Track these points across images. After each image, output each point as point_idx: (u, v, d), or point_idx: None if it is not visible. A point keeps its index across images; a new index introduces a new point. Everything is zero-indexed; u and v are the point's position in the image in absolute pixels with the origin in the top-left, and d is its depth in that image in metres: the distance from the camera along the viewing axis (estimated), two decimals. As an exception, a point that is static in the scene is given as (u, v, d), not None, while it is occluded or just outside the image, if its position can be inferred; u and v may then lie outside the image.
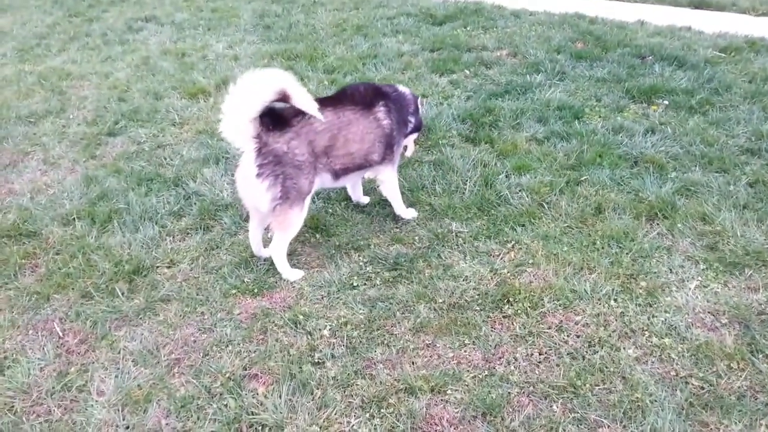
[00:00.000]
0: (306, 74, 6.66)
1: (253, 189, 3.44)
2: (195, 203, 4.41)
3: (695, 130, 5.08)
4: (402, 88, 4.15)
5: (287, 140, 3.45)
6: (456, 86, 6.26)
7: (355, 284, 3.55)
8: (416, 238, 3.96)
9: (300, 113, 3.48)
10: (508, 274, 3.58)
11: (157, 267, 3.77)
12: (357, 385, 2.88)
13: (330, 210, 4.31)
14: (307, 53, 7.32)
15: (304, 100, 3.38)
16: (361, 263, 3.74)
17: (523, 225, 4.01)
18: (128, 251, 3.90)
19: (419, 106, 4.25)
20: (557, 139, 5.06)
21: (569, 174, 4.55)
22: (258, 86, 3.27)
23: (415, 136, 4.44)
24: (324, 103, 3.62)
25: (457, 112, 5.55)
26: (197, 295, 3.52)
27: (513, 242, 3.85)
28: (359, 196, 4.40)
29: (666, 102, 5.65)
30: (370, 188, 4.48)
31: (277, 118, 3.44)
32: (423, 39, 7.65)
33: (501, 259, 3.73)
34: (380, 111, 3.82)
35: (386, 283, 3.55)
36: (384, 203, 4.30)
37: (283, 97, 3.33)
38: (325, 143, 3.61)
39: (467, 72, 6.59)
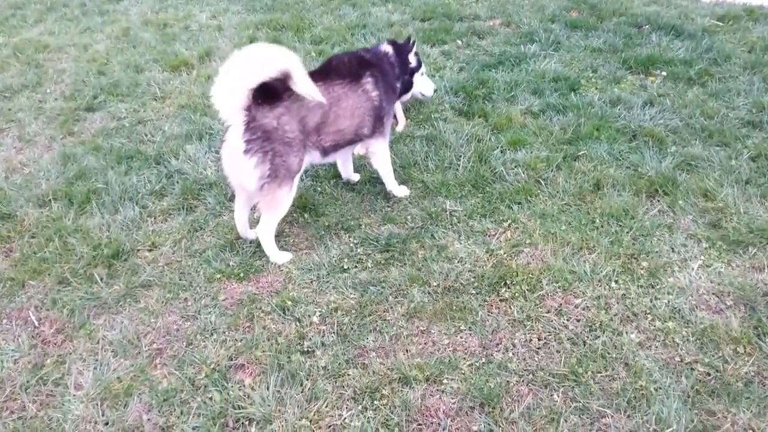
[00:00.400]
0: (293, 45, 6.41)
1: (240, 166, 3.27)
2: (177, 182, 4.22)
3: (694, 102, 4.93)
4: (385, 47, 3.95)
5: (277, 115, 3.28)
6: (448, 57, 6.05)
7: (345, 267, 3.40)
8: (408, 217, 3.80)
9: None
10: (505, 254, 3.44)
11: (138, 250, 3.60)
12: (348, 375, 2.75)
13: (319, 188, 4.14)
14: (293, 23, 7.06)
15: (305, 84, 3.23)
16: (351, 245, 3.58)
17: (520, 203, 3.86)
18: (107, 234, 3.72)
19: (409, 59, 4.05)
20: (553, 112, 4.90)
21: (566, 149, 4.39)
22: (262, 61, 3.12)
23: (408, 95, 4.24)
24: (312, 77, 3.44)
25: (450, 85, 5.36)
26: (180, 280, 3.36)
27: (509, 221, 3.71)
28: (350, 173, 4.23)
29: (664, 73, 5.48)
30: (360, 165, 4.31)
31: (267, 91, 3.24)
32: (413, 8, 7.40)
33: (497, 238, 3.58)
34: (368, 82, 3.66)
35: (378, 266, 3.41)
36: (375, 181, 4.13)
37: (284, 78, 3.16)
38: (317, 120, 3.46)
39: (459, 42, 6.38)
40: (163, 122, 5.07)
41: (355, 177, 4.24)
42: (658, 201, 3.83)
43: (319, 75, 3.55)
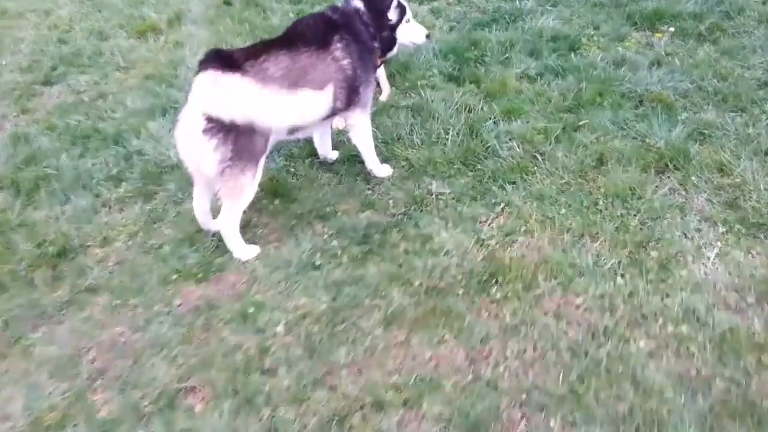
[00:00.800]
0: (269, 6, 5.92)
1: (198, 148, 2.88)
2: (137, 164, 3.81)
3: (706, 62, 4.48)
4: (355, 2, 3.41)
5: None
6: (437, 15, 5.57)
7: (317, 264, 3.02)
8: (390, 201, 3.42)
9: (253, 56, 2.93)
10: (497, 245, 3.06)
11: (88, 246, 3.22)
12: (314, 399, 2.38)
13: (292, 169, 3.74)
14: (270, -19, 6.53)
15: None
16: (325, 236, 3.20)
17: (514, 182, 3.47)
18: (54, 228, 3.33)
19: (389, 12, 3.49)
20: (551, 76, 4.46)
21: (566, 118, 3.98)
22: None
23: (394, 51, 3.73)
24: (277, 45, 3.07)
25: (439, 47, 4.89)
26: (131, 282, 2.98)
27: (502, 204, 3.33)
28: (327, 151, 3.81)
29: (671, 29, 5.01)
30: (339, 140, 3.89)
31: (226, 61, 2.88)
32: (401, -39, 6.85)
33: (489, 225, 3.21)
34: (337, 49, 3.22)
35: (354, 261, 3.03)
36: (354, 159, 3.73)
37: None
38: None
39: (450, -2, 5.88)
40: (126, 95, 4.64)
41: (333, 155, 3.83)
42: (669, 177, 3.44)
43: (283, 43, 3.13)
